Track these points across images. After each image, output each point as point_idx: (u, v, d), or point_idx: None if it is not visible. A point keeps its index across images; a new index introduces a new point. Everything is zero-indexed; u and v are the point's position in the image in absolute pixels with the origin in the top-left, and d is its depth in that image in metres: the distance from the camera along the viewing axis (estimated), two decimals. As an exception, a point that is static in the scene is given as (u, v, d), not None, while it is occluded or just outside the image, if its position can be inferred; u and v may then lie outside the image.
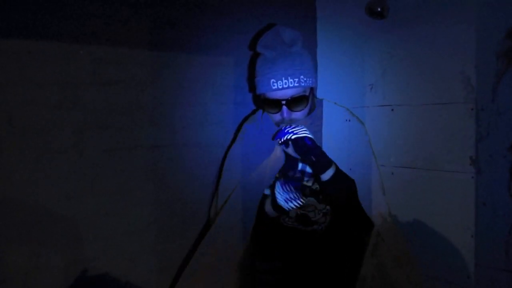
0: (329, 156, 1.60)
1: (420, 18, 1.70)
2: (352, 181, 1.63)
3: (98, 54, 1.50)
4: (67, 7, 1.43)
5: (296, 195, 1.58)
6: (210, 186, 1.80)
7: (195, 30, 1.72)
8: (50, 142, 1.42)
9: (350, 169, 1.65)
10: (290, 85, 1.56)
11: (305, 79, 1.60)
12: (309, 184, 1.68)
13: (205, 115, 1.77)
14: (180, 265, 1.73)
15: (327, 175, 1.58)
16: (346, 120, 1.73)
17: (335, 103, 1.77)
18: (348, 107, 1.78)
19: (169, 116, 1.68)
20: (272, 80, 1.58)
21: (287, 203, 1.58)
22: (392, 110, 1.81)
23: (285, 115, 1.60)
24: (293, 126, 1.56)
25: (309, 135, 1.56)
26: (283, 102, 1.59)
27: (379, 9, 1.74)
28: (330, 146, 1.66)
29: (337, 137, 1.70)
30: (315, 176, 1.65)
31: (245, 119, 1.86)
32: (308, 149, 1.55)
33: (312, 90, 1.66)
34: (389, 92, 1.83)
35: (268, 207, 1.68)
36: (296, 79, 1.58)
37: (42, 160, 1.41)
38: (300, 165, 1.67)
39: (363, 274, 1.60)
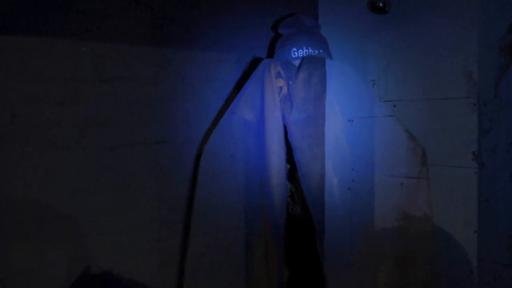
0: (331, 156, 1.60)
1: (422, 13, 1.70)
2: None
3: (101, 51, 1.49)
4: (70, 4, 1.43)
5: None
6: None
7: (197, 27, 1.72)
8: (53, 138, 1.42)
9: (353, 169, 1.65)
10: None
11: (324, 55, 1.59)
12: None
13: (207, 111, 1.77)
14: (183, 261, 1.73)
15: None
16: (349, 121, 1.73)
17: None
18: (350, 105, 1.77)
19: (171, 113, 1.68)
20: (293, 49, 1.58)
21: None
22: (394, 105, 1.81)
23: None
24: None
25: None
26: None
27: (381, 4, 1.74)
28: (332, 146, 1.65)
29: (339, 137, 1.69)
30: None
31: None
32: None
33: None
34: (391, 87, 1.83)
35: None
36: (317, 51, 1.58)
37: (45, 157, 1.41)
38: None
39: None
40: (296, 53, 1.59)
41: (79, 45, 1.45)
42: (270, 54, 1.86)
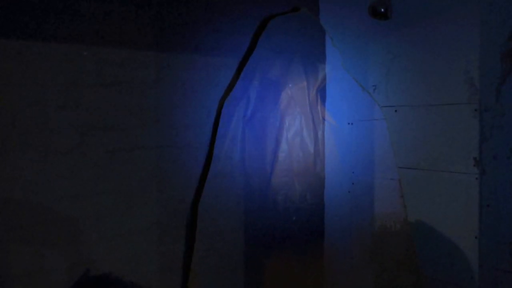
0: (331, 159, 1.60)
1: (424, 19, 1.70)
2: None
3: (102, 55, 1.50)
4: (71, 8, 1.43)
5: None
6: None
7: (198, 31, 1.73)
8: (53, 143, 1.42)
9: (353, 172, 1.65)
10: None
11: None
12: None
13: (207, 115, 1.77)
14: (183, 265, 1.73)
15: None
16: (349, 124, 1.73)
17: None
18: (350, 108, 1.78)
19: (172, 117, 1.68)
20: None
21: None
22: (396, 111, 1.81)
23: None
24: None
25: None
26: None
27: (382, 10, 1.74)
28: (332, 148, 1.66)
29: (339, 140, 1.69)
30: None
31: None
32: None
33: None
34: (392, 93, 1.83)
35: None
36: None
37: (45, 161, 1.41)
38: None
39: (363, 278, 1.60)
40: None
41: (80, 49, 1.45)
42: None
